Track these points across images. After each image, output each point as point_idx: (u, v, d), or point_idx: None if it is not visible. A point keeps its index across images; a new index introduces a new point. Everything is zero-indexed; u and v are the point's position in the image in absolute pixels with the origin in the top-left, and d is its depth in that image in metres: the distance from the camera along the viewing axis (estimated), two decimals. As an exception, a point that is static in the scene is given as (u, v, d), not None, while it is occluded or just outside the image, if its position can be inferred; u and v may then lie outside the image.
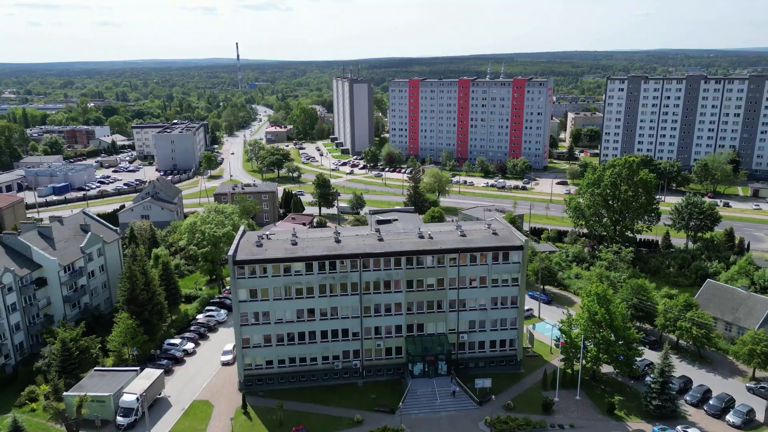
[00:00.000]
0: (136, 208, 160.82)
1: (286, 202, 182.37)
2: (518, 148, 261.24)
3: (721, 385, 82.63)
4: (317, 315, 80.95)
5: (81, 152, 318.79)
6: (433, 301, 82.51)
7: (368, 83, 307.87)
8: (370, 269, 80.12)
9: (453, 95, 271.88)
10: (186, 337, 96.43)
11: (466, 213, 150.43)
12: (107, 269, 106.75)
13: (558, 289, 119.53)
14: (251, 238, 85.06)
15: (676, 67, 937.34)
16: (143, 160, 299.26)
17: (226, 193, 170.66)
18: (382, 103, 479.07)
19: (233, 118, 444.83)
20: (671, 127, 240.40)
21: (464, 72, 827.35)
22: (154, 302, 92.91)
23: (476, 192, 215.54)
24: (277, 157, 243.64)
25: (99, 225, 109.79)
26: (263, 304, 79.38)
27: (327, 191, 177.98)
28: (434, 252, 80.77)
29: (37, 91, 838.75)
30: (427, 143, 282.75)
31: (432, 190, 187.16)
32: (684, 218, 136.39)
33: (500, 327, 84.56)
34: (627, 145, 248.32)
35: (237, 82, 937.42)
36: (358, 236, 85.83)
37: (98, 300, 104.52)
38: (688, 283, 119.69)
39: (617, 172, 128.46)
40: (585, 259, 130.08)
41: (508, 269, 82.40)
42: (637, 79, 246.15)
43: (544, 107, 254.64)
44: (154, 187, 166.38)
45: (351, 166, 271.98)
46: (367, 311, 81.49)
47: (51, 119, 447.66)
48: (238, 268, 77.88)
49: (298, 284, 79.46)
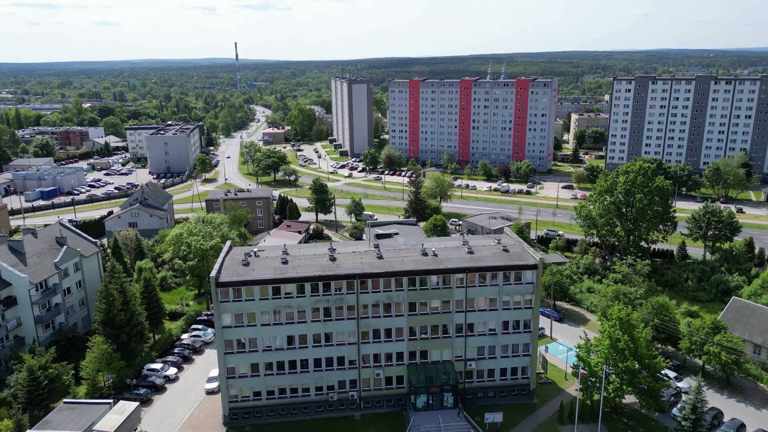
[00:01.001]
0: (123, 215, 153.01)
1: (282, 207, 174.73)
2: (522, 150, 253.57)
3: (755, 419, 75.00)
4: (310, 341, 73.26)
5: (73, 154, 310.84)
6: (438, 326, 74.86)
7: (367, 83, 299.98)
8: (369, 291, 72.46)
9: (454, 96, 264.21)
10: (168, 361, 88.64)
11: (470, 221, 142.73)
12: (85, 285, 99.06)
13: (570, 305, 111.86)
14: (237, 256, 77.33)
15: (676, 67, 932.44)
16: (137, 162, 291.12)
17: (218, 199, 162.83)
18: (382, 104, 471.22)
19: (230, 118, 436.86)
20: (680, 129, 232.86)
21: (464, 72, 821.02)
22: (134, 323, 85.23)
23: (479, 197, 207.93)
24: (273, 160, 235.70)
25: (77, 237, 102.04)
26: (250, 329, 71.69)
27: (324, 197, 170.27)
28: (439, 272, 73.10)
29: (35, 91, 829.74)
30: (428, 145, 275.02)
31: (433, 195, 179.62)
32: (702, 227, 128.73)
33: (512, 353, 76.91)
34: (634, 148, 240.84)
35: (236, 82, 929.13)
36: (355, 253, 78.14)
37: (75, 319, 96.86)
38: (707, 298, 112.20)
39: (631, 179, 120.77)
40: (597, 271, 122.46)
41: (521, 290, 74.75)
42: (644, 79, 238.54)
43: (548, 108, 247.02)
44: (143, 193, 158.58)
45: (350, 168, 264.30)
46: (365, 337, 73.82)
47: (45, 120, 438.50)
48: (221, 291, 70.17)
49: (288, 308, 71.78)
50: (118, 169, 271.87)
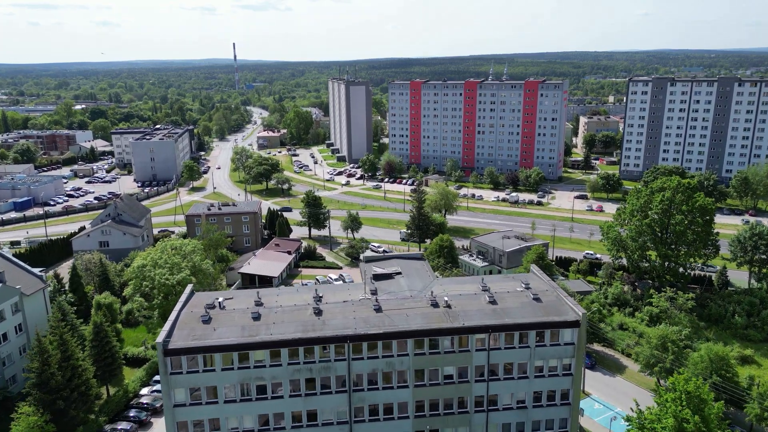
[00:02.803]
0: (93, 233, 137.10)
1: (271, 222, 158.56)
2: (530, 156, 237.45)
3: None
4: (288, 422, 57.28)
5: (56, 160, 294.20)
6: (453, 399, 58.93)
7: (366, 85, 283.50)
8: (364, 356, 56.57)
9: (458, 98, 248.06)
10: (119, 429, 72.44)
11: (481, 241, 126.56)
12: (27, 329, 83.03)
13: (601, 346, 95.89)
14: (197, 308, 61.27)
15: (678, 67, 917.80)
16: (123, 168, 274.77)
17: (199, 214, 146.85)
18: (382, 105, 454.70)
19: (225, 121, 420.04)
20: (700, 134, 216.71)
21: (464, 72, 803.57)
22: (75, 384, 69.20)
23: (486, 208, 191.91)
24: (265, 168, 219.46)
25: (17, 270, 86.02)
26: (210, 408, 55.71)
27: (317, 211, 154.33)
28: (455, 331, 57.18)
29: (31, 92, 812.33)
30: (430, 151, 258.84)
31: (437, 208, 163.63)
32: (747, 250, 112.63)
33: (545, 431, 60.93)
34: (650, 155, 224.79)
35: (234, 83, 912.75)
36: (347, 303, 62.12)
37: (14, 370, 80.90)
38: (761, 338, 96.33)
39: (669, 197, 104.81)
40: (627, 301, 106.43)
41: (558, 353, 58.84)
42: (662, 80, 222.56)
43: (559, 112, 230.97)
44: (116, 208, 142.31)
45: (347, 176, 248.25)
46: (358, 414, 57.92)
47: (33, 123, 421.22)
48: (172, 360, 54.14)
49: (260, 379, 55.85)
50: (101, 176, 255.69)
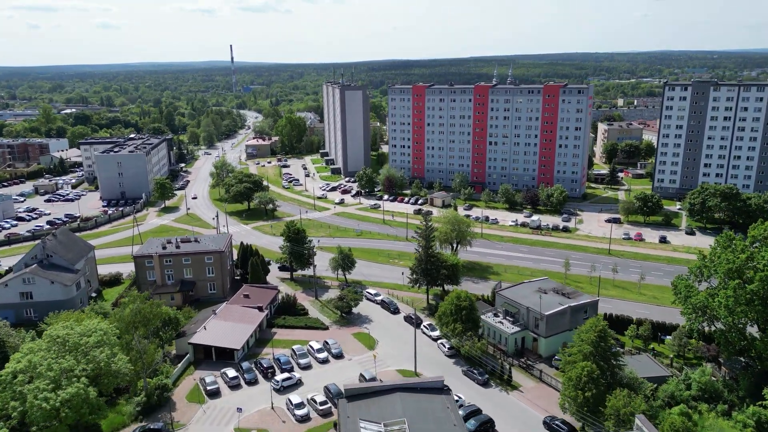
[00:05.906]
0: (12, 282, 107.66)
1: (244, 260, 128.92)
2: (550, 171, 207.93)
3: None
4: None
5: (21, 173, 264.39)
6: None
7: (363, 90, 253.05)
8: None
9: (467, 104, 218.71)
10: None
11: (509, 297, 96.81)
12: None
13: (694, 474, 66.34)
14: None
15: (681, 68, 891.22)
16: (92, 183, 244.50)
17: (151, 254, 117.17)
18: (381, 109, 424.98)
19: (213, 127, 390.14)
20: (748, 147, 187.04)
21: (466, 74, 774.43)
22: None
23: (504, 235, 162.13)
24: (246, 186, 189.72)
25: None
26: None
27: (300, 248, 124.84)
28: None
29: (23, 95, 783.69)
30: (435, 164, 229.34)
31: (448, 241, 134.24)
32: None
33: None
34: (689, 169, 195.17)
35: (231, 86, 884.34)
36: None
37: None
38: None
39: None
40: (720, 395, 76.87)
41: None
42: (704, 85, 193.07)
43: (583, 120, 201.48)
44: (44, 248, 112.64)
45: (342, 192, 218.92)
46: None
47: (8, 130, 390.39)
48: None
49: None
50: (64, 193, 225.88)
